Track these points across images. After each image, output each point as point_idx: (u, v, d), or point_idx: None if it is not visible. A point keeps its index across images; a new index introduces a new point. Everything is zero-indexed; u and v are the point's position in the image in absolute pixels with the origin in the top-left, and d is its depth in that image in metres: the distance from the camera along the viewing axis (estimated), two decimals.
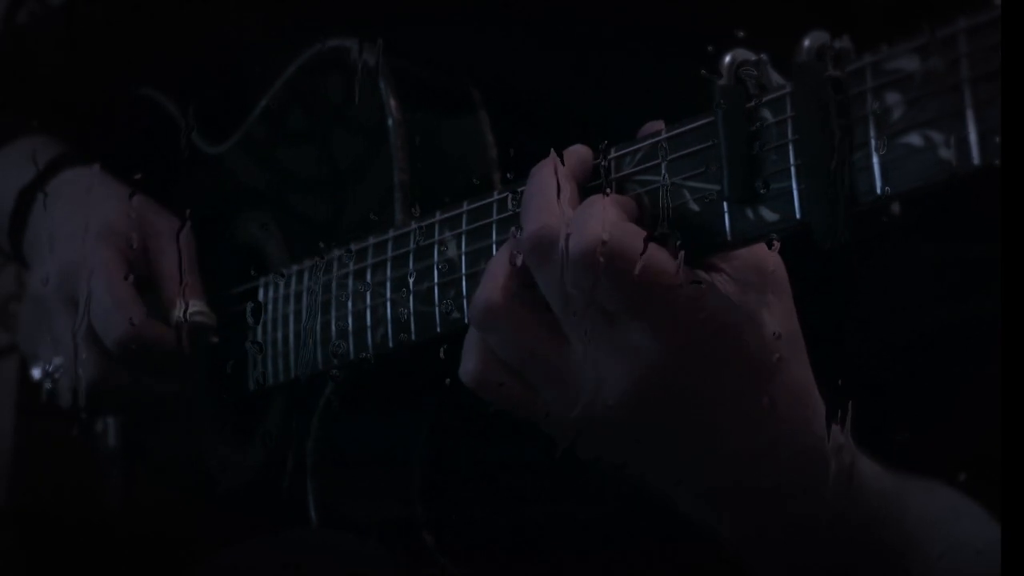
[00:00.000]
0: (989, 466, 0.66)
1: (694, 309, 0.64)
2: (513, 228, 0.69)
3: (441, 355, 0.77)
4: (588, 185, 0.69)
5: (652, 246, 0.64)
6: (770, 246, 0.65)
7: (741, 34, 0.65)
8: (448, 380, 0.74)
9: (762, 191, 0.62)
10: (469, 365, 0.71)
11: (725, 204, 0.63)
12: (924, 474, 0.79)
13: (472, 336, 0.71)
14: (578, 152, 0.70)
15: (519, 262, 0.68)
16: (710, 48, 0.65)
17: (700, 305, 0.64)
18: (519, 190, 0.72)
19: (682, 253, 0.64)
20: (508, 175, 0.76)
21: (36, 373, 1.00)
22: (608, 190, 0.68)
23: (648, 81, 0.84)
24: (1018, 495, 0.61)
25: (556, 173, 0.68)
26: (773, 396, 0.68)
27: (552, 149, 0.70)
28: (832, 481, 0.70)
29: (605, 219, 0.64)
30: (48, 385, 0.99)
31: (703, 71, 0.64)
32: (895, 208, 0.59)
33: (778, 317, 0.67)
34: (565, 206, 0.67)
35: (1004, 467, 0.61)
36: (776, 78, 0.63)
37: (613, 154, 0.69)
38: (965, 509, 0.76)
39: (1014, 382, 0.60)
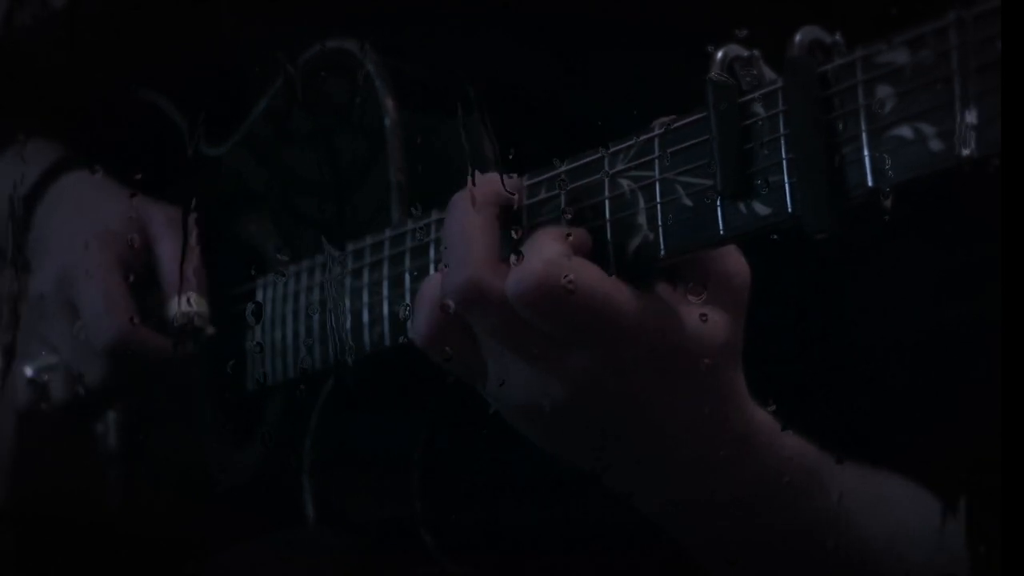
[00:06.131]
0: (989, 467, 0.66)
1: (638, 329, 0.66)
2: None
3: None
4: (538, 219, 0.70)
5: (599, 275, 0.66)
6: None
7: (736, 32, 0.65)
8: (449, 379, 0.75)
9: (758, 185, 0.62)
10: (421, 327, 0.71)
11: (718, 199, 0.63)
12: (922, 473, 0.79)
13: (426, 295, 0.71)
14: (490, 184, 0.71)
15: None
16: (709, 47, 0.65)
17: (644, 324, 0.66)
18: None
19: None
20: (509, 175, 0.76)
21: (28, 371, 1.00)
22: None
23: (645, 80, 0.84)
24: (1018, 495, 0.61)
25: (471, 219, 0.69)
26: (703, 397, 0.70)
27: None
28: (760, 457, 0.72)
29: (546, 257, 0.66)
30: (41, 380, 0.99)
31: (710, 76, 0.64)
32: (887, 201, 0.59)
33: (717, 327, 0.69)
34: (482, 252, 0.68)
35: (1004, 467, 0.61)
36: (768, 73, 0.64)
37: (608, 150, 0.69)
38: (910, 494, 0.78)
39: (1014, 382, 0.60)
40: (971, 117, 0.54)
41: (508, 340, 0.68)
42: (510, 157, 0.79)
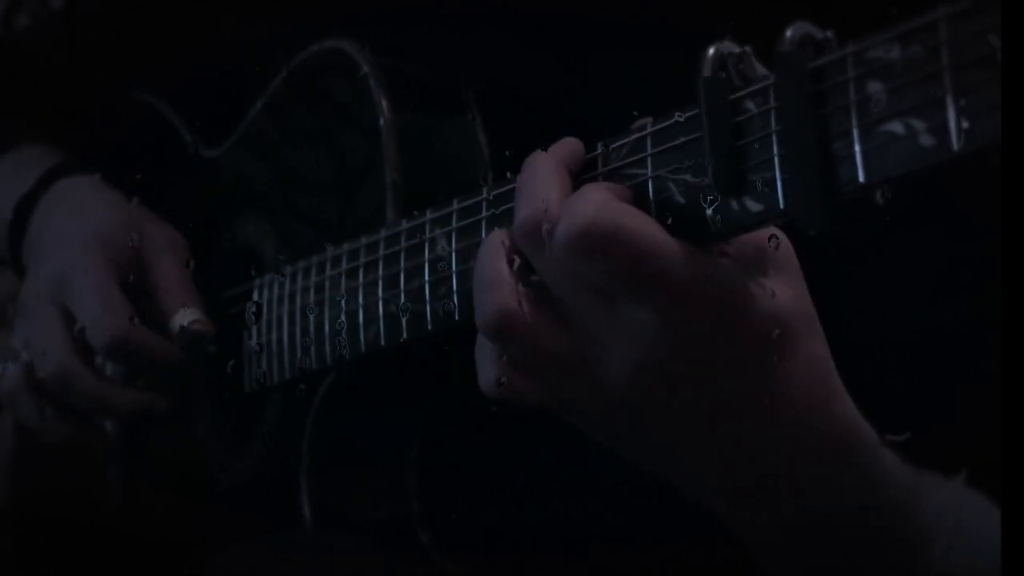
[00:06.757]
0: (990, 465, 0.65)
1: (696, 288, 0.63)
2: (496, 230, 0.69)
3: (435, 353, 0.78)
4: (581, 178, 0.69)
5: (647, 222, 0.63)
6: (769, 239, 0.66)
7: (729, 28, 0.65)
8: (445, 378, 0.75)
9: (750, 181, 0.62)
10: (490, 377, 0.69)
11: (710, 196, 0.63)
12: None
13: (484, 347, 0.69)
14: (569, 143, 0.70)
15: (515, 261, 0.67)
16: (700, 45, 0.65)
17: (702, 284, 0.63)
18: (509, 187, 0.72)
19: None
20: (508, 175, 0.76)
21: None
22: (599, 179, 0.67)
23: (640, 79, 0.84)
24: (1018, 495, 0.61)
25: (548, 163, 0.68)
26: (784, 378, 0.66)
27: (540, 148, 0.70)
28: (858, 469, 0.70)
29: (599, 201, 0.63)
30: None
31: (702, 73, 0.64)
32: (878, 197, 0.59)
33: (786, 298, 0.66)
34: (556, 193, 0.66)
35: (1004, 467, 0.61)
36: (760, 70, 0.63)
37: (608, 147, 0.69)
38: (972, 501, 0.75)
39: (1014, 381, 0.59)
40: (961, 112, 0.54)
41: (565, 289, 0.65)
42: (508, 155, 0.79)
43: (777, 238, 0.66)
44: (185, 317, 0.96)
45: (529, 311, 0.66)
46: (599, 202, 0.63)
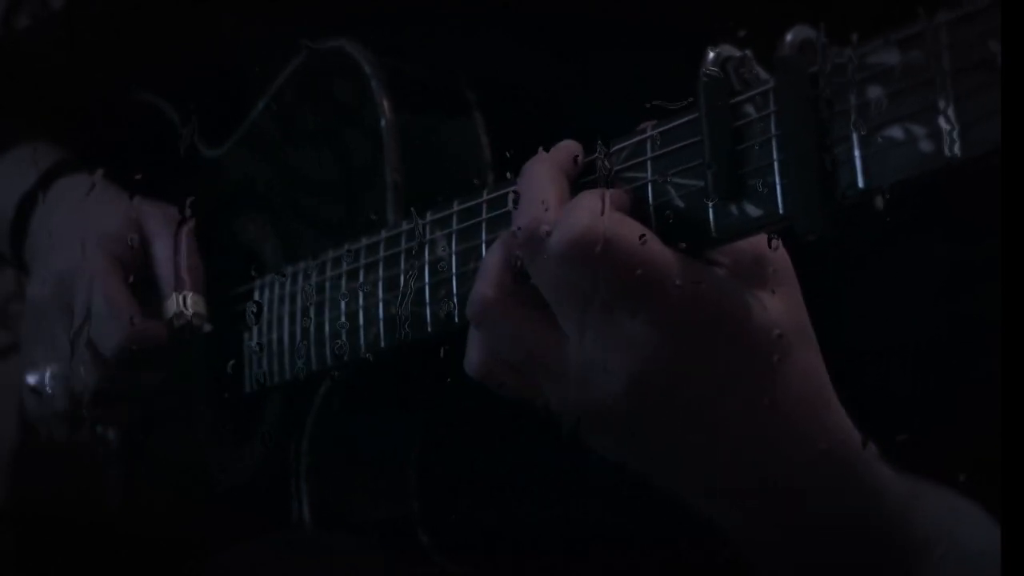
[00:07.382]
0: (989, 467, 0.65)
1: (690, 298, 0.64)
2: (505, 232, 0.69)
3: (435, 354, 0.78)
4: (580, 181, 0.69)
5: (642, 231, 0.63)
6: (769, 243, 0.66)
7: (729, 32, 0.65)
8: (444, 379, 0.74)
9: (749, 186, 0.62)
10: (473, 358, 0.70)
11: (709, 200, 0.63)
12: (923, 475, 0.79)
13: (475, 330, 0.70)
14: (568, 147, 0.70)
15: (516, 262, 0.67)
16: (701, 46, 0.65)
17: (696, 294, 0.64)
18: (509, 189, 0.72)
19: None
20: (508, 175, 0.76)
21: (31, 379, 1.00)
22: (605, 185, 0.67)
23: (640, 79, 0.84)
24: (1018, 495, 0.60)
25: (546, 168, 0.68)
26: (778, 388, 0.67)
27: (541, 147, 0.70)
28: (852, 480, 0.70)
29: (594, 209, 0.64)
30: (46, 390, 1.00)
31: (702, 77, 0.64)
32: (879, 202, 0.58)
33: (781, 309, 0.66)
34: (554, 199, 0.66)
35: (1004, 467, 0.61)
36: (761, 74, 0.63)
37: (609, 150, 0.69)
38: (966, 511, 0.75)
39: (1014, 382, 0.59)
40: (960, 117, 0.54)
41: (561, 297, 0.66)
42: (508, 156, 0.79)
43: (775, 246, 0.66)
44: (177, 305, 0.95)
45: (510, 303, 0.67)
46: (594, 210, 0.64)
